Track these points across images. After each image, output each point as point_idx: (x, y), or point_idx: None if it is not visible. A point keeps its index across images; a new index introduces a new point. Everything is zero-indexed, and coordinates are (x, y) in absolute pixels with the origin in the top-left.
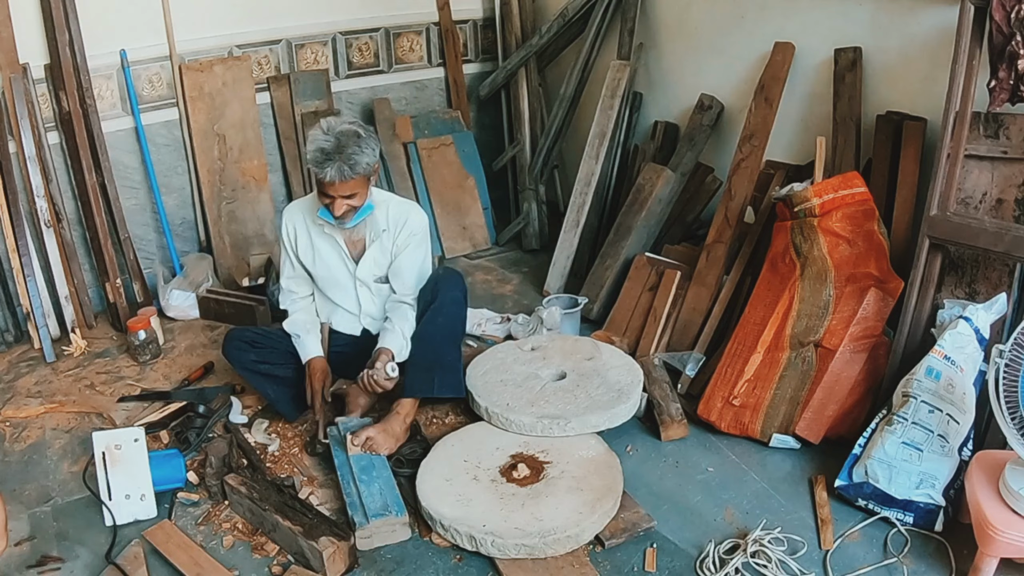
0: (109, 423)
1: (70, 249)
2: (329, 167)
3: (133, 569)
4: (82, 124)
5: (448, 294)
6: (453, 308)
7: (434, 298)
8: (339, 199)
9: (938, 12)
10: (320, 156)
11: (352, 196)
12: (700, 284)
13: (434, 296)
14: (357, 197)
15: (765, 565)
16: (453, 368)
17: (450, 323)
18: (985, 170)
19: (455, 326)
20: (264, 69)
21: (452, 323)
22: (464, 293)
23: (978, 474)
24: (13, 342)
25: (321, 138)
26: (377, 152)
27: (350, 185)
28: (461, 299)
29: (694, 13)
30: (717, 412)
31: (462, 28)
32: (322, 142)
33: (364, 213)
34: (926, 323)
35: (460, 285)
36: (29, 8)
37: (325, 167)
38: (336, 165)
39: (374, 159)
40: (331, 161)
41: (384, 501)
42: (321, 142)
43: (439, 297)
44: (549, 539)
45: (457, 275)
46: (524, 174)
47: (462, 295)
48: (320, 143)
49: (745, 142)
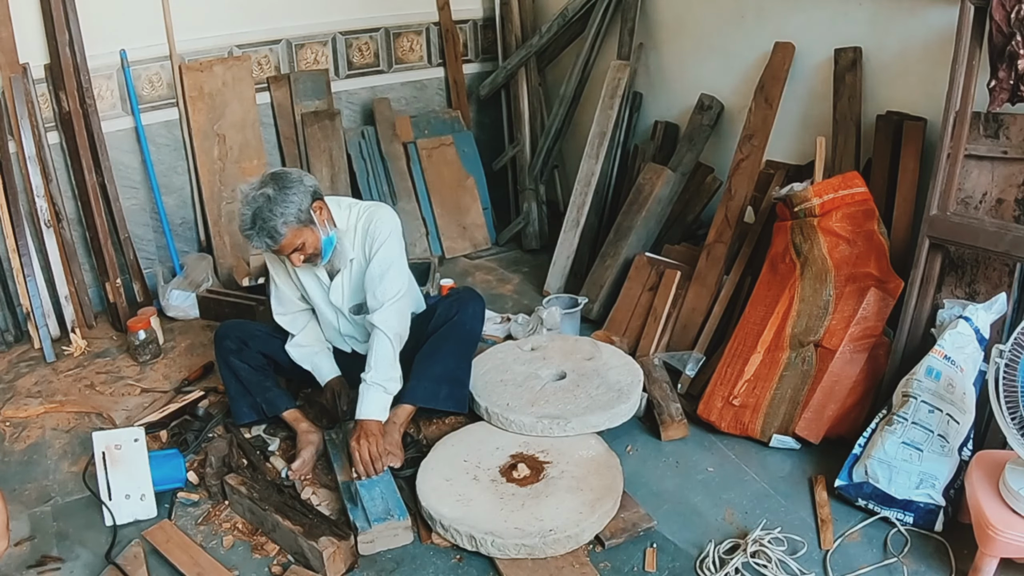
0: (109, 423)
1: (70, 249)
2: (254, 240)
3: (133, 569)
4: (82, 124)
5: (469, 311)
6: (472, 325)
7: (455, 313)
8: (290, 255)
9: (938, 12)
10: (243, 231)
11: (300, 247)
12: (700, 284)
13: (456, 311)
14: (307, 244)
15: (765, 565)
16: (462, 383)
17: (466, 340)
18: (985, 170)
19: (470, 343)
20: (264, 69)
21: (468, 340)
22: (483, 312)
23: (978, 474)
24: (13, 342)
25: (241, 211)
26: (306, 193)
27: (288, 241)
28: (480, 316)
29: (694, 13)
30: (717, 412)
31: (462, 28)
32: (241, 216)
33: (329, 248)
34: (926, 323)
35: (480, 304)
36: (29, 8)
37: (251, 241)
38: (258, 237)
39: (303, 204)
40: (252, 234)
41: (386, 505)
42: (240, 216)
43: (460, 312)
44: (549, 539)
45: (478, 295)
46: (524, 174)
47: (482, 313)
48: (240, 217)
49: (745, 142)
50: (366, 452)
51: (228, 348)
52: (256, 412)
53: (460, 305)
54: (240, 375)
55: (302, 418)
